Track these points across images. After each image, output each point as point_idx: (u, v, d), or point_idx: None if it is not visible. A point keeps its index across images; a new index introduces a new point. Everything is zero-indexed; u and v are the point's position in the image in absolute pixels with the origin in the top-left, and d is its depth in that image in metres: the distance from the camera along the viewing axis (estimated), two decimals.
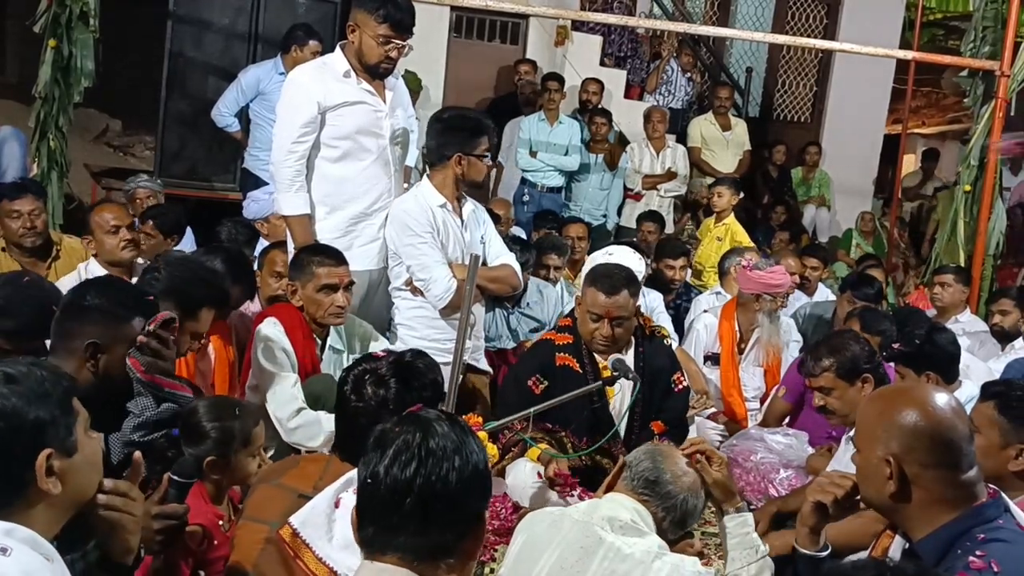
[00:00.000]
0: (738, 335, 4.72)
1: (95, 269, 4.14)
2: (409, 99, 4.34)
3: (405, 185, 4.18)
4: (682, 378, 3.84)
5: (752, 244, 6.95)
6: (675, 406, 3.76)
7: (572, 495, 3.27)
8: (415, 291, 3.94)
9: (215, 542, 2.48)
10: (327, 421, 3.25)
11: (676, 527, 2.42)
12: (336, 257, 3.59)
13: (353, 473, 2.17)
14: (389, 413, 2.32)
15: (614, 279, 3.59)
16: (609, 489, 2.52)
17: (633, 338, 3.71)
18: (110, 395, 2.46)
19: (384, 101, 3.96)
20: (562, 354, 3.65)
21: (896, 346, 3.70)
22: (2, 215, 4.35)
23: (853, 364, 3.40)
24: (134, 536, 1.90)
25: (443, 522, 1.57)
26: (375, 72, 3.89)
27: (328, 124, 3.87)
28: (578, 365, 3.62)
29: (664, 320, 5.04)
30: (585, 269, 4.94)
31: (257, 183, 6.19)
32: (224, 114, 6.48)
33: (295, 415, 3.36)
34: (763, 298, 4.61)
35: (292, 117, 3.86)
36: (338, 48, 3.93)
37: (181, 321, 2.91)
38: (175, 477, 2.16)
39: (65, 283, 3.75)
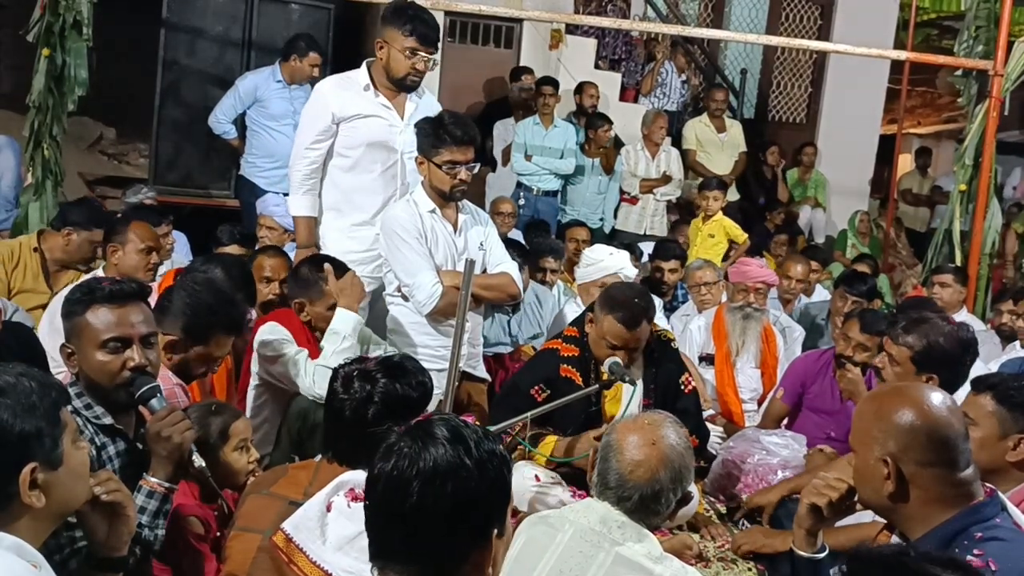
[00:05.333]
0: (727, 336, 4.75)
1: None
2: None
3: None
4: (690, 379, 3.85)
5: (745, 235, 7.00)
6: (687, 407, 3.73)
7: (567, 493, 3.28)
8: (406, 297, 3.93)
9: (217, 533, 2.52)
10: None
11: (649, 517, 2.25)
12: (341, 272, 3.61)
13: (344, 477, 2.17)
14: (374, 406, 2.34)
15: (635, 311, 3.50)
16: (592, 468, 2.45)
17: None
18: None
19: (402, 117, 4.10)
20: (566, 366, 3.64)
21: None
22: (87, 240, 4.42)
23: (929, 355, 3.19)
24: (132, 521, 1.97)
25: (438, 546, 1.54)
26: (402, 85, 4.06)
27: (341, 134, 4.07)
28: (582, 379, 3.61)
29: (662, 325, 5.04)
30: (583, 265, 4.95)
31: (254, 190, 6.20)
32: (221, 121, 6.48)
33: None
34: (747, 294, 4.72)
35: (309, 124, 4.11)
36: (364, 64, 4.12)
37: (187, 345, 2.94)
38: (143, 397, 2.31)
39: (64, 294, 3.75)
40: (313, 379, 3.32)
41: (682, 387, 3.79)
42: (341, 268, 3.62)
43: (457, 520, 1.54)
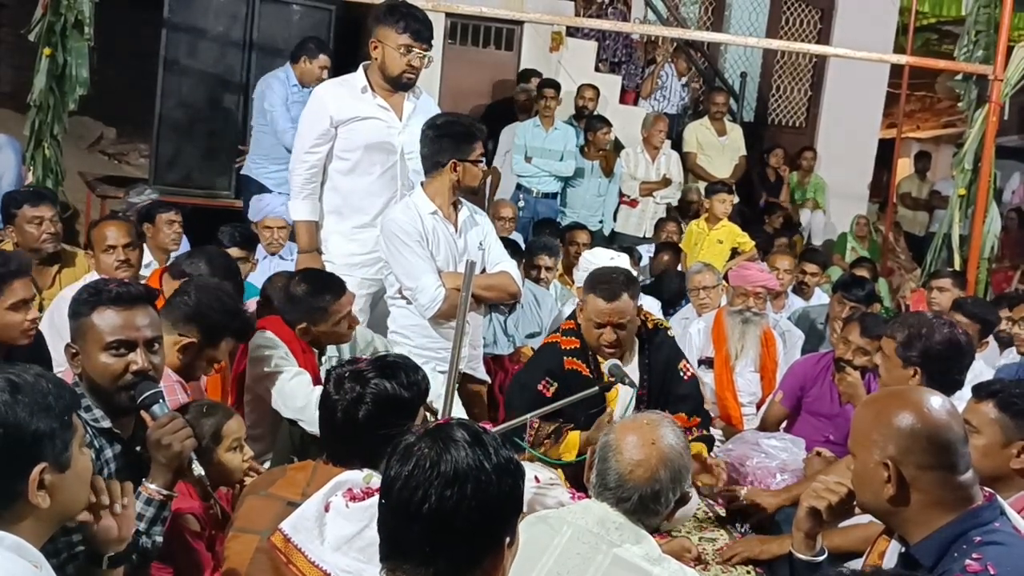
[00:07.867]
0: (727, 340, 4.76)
1: None
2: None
3: None
4: (688, 365, 3.84)
5: (752, 242, 7.01)
6: (689, 394, 3.75)
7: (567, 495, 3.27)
8: (407, 299, 3.93)
9: (209, 532, 2.52)
10: None
11: (648, 517, 2.23)
12: (340, 288, 3.59)
13: (342, 477, 2.16)
14: (365, 407, 2.33)
15: (613, 285, 3.55)
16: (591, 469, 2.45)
17: (636, 338, 3.70)
18: None
19: (400, 118, 4.11)
20: (569, 358, 3.64)
21: None
22: (22, 221, 4.36)
23: (911, 345, 3.15)
24: (131, 521, 1.97)
25: (453, 549, 1.53)
26: (398, 83, 4.06)
27: (340, 137, 4.08)
28: (587, 369, 3.61)
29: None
30: (581, 268, 4.96)
31: (260, 189, 6.18)
32: (286, 130, 5.93)
33: (310, 400, 3.32)
34: (747, 298, 4.71)
35: (308, 128, 4.13)
36: (361, 67, 4.14)
37: (201, 347, 2.96)
38: (146, 403, 2.28)
39: (67, 294, 3.75)
40: (287, 404, 3.35)
41: (682, 373, 3.77)
42: (341, 287, 3.61)
43: (474, 524, 1.53)
